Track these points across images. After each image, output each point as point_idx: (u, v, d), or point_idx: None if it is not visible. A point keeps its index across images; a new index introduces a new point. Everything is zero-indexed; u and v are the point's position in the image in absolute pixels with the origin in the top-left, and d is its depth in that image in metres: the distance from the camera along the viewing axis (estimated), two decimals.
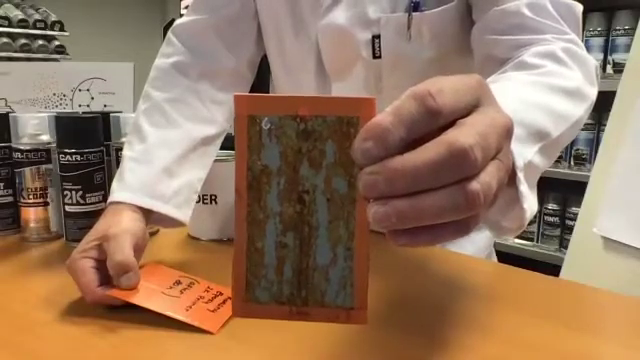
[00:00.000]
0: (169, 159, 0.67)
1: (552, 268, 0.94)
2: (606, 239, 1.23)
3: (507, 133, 0.32)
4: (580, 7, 0.63)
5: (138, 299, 0.51)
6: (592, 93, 0.56)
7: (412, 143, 0.28)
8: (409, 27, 0.67)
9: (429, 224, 0.29)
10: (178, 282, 0.56)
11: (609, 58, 1.95)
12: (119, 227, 0.56)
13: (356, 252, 0.32)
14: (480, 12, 0.65)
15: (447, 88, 0.29)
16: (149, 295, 0.52)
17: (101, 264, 0.54)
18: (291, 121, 0.31)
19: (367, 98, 0.31)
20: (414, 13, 0.66)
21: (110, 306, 0.52)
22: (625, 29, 1.94)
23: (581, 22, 0.63)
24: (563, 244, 2.12)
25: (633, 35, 1.39)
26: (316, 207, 0.32)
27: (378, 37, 0.69)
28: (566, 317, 0.53)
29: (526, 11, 0.60)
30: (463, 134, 0.28)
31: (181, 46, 0.78)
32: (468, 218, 0.29)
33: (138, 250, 0.56)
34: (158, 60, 0.78)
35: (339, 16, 0.69)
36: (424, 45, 0.68)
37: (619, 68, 1.83)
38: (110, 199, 0.62)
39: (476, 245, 0.85)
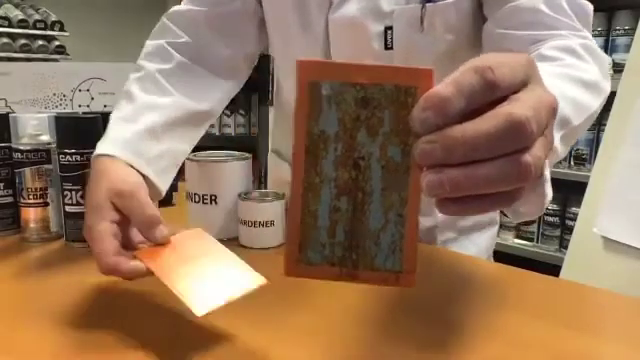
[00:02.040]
0: (156, 122, 0.66)
1: (552, 268, 0.94)
2: (606, 239, 1.23)
3: (553, 111, 0.33)
4: (591, 7, 0.64)
5: (159, 270, 0.48)
6: (607, 87, 0.58)
7: (467, 114, 0.29)
8: (422, 18, 0.67)
9: (479, 194, 0.30)
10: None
11: (609, 58, 1.95)
12: (130, 182, 0.54)
13: (407, 219, 0.32)
14: (494, 6, 0.66)
15: (504, 63, 0.30)
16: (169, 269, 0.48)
17: (118, 227, 0.51)
18: (351, 88, 0.31)
19: (426, 69, 0.31)
20: (427, 4, 0.67)
21: (110, 304, 0.52)
22: (625, 29, 1.94)
23: (591, 21, 0.65)
24: (563, 244, 2.12)
25: (633, 35, 1.39)
26: (371, 174, 0.32)
27: (390, 28, 0.69)
28: (566, 317, 0.53)
29: (543, 7, 0.61)
30: (519, 108, 0.29)
31: (177, 30, 0.78)
32: (514, 190, 0.31)
33: None
34: (151, 40, 0.77)
35: (351, 8, 0.70)
36: (436, 37, 0.69)
37: (619, 68, 1.83)
38: (93, 155, 0.60)
39: (478, 246, 0.85)
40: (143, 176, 0.60)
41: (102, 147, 0.60)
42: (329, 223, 0.33)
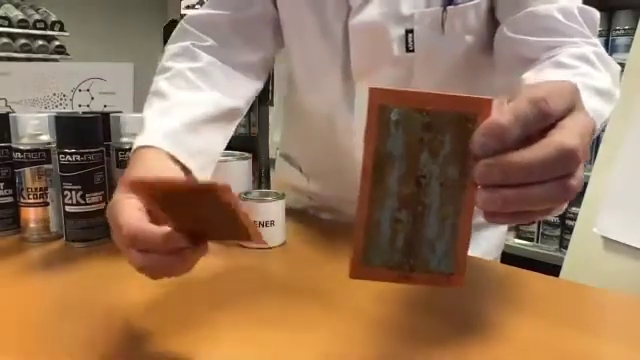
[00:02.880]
0: (194, 116, 0.65)
1: (552, 268, 0.94)
2: (606, 239, 1.23)
3: (593, 135, 0.36)
4: (598, 14, 0.66)
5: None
6: (617, 94, 0.60)
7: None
8: (443, 21, 0.68)
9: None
10: None
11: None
12: (167, 173, 0.50)
13: (460, 228, 0.36)
14: (508, 12, 0.67)
15: (554, 93, 0.34)
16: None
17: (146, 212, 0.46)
18: (417, 114, 0.34)
19: (487, 98, 0.34)
20: (448, 7, 0.68)
21: (111, 304, 0.52)
22: (625, 29, 1.94)
23: (598, 28, 0.68)
24: (563, 244, 2.12)
25: (633, 35, 1.39)
26: (430, 190, 0.35)
27: (411, 31, 0.70)
28: (566, 317, 0.53)
29: (558, 15, 0.63)
30: (569, 137, 0.33)
31: (200, 33, 0.77)
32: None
33: None
34: (172, 44, 0.76)
35: (372, 13, 0.70)
36: (456, 39, 0.70)
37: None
38: (133, 149, 0.57)
39: (488, 242, 0.85)
40: (185, 170, 0.58)
41: (141, 139, 0.57)
42: (390, 232, 0.36)
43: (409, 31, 0.70)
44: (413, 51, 0.70)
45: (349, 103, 0.76)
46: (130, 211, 0.45)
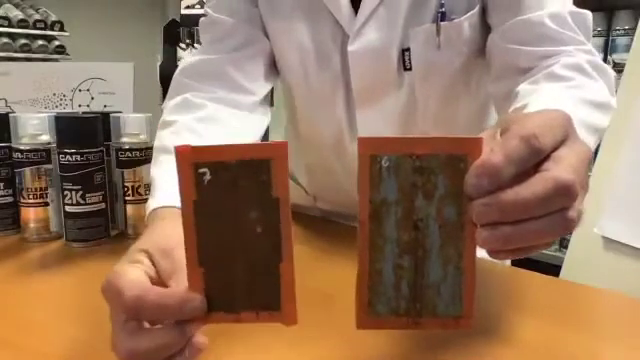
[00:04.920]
0: None
1: (552, 268, 0.94)
2: (606, 239, 1.23)
3: (589, 163, 0.36)
4: (591, 16, 0.65)
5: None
6: (614, 103, 0.60)
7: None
8: (438, 37, 0.68)
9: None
10: None
11: (609, 58, 1.95)
12: (175, 237, 0.40)
13: (464, 270, 0.35)
14: (500, 18, 0.66)
15: (546, 127, 0.34)
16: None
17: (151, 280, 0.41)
18: (407, 159, 0.34)
19: (476, 138, 0.34)
20: (442, 23, 0.67)
21: None
22: (625, 29, 1.94)
23: (591, 31, 0.67)
24: (563, 244, 2.12)
25: (633, 35, 1.39)
26: (429, 233, 0.35)
27: (408, 50, 0.69)
28: (566, 317, 0.53)
29: (549, 22, 0.62)
30: (564, 170, 0.33)
31: (197, 84, 0.73)
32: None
33: None
34: (171, 99, 0.72)
35: (370, 38, 0.70)
36: (452, 52, 0.69)
37: (619, 68, 1.83)
38: (147, 213, 0.54)
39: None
40: None
41: (153, 202, 0.55)
42: (394, 279, 0.36)
43: (405, 50, 0.69)
44: (411, 69, 0.70)
45: (353, 131, 0.76)
46: (135, 274, 0.39)
